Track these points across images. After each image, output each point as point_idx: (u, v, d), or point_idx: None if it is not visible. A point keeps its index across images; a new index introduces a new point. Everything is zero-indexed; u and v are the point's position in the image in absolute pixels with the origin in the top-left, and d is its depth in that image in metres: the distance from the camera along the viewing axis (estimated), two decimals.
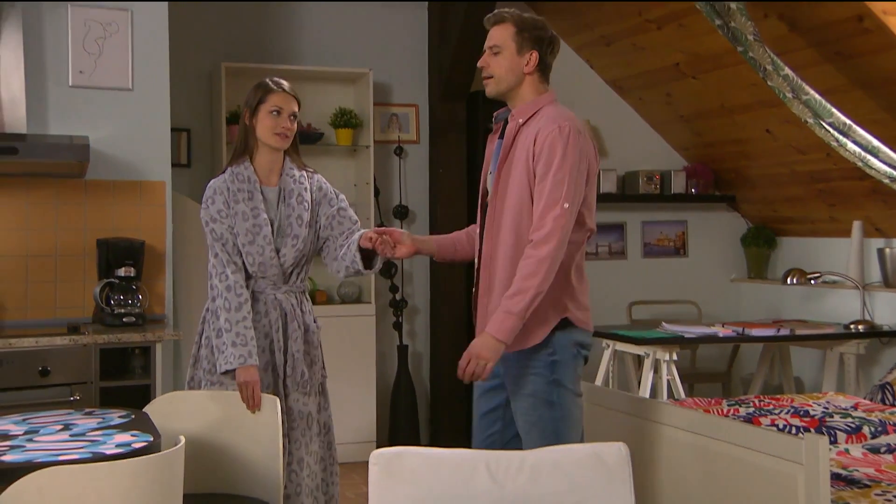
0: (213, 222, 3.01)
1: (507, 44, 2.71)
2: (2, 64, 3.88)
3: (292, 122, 3.08)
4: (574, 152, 2.63)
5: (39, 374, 3.53)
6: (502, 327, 2.57)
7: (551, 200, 2.58)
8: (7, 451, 2.16)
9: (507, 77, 2.72)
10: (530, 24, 2.73)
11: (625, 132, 6.47)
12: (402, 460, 1.93)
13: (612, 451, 1.94)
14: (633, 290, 6.40)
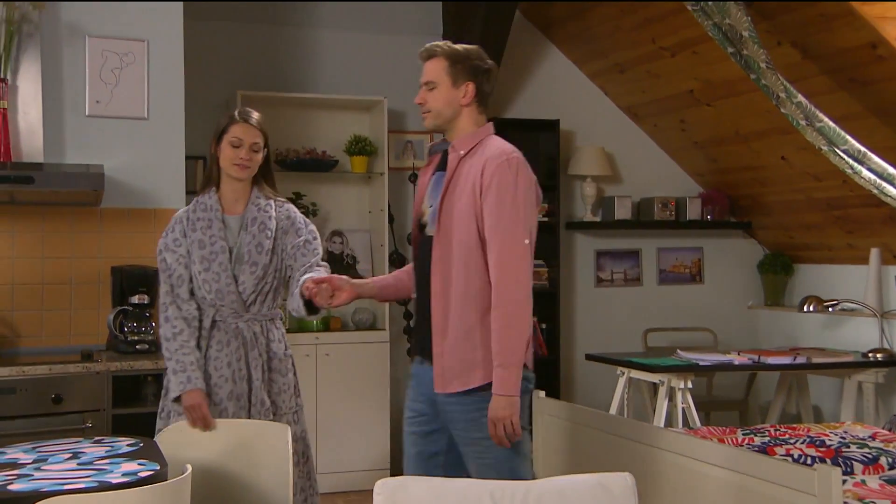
0: (166, 251, 3.08)
1: (441, 78, 2.69)
2: (20, 94, 3.94)
3: (254, 154, 3.08)
4: (525, 184, 2.62)
5: (53, 401, 3.55)
6: (507, 383, 2.54)
7: (510, 238, 2.55)
8: (14, 480, 2.17)
9: (445, 110, 2.70)
10: (464, 56, 2.70)
11: (639, 159, 6.47)
12: (407, 490, 1.92)
13: (617, 481, 1.92)
14: (648, 318, 6.37)
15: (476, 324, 2.60)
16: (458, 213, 2.61)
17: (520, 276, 2.55)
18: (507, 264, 2.55)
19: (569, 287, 6.28)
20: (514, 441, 2.58)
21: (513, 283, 2.54)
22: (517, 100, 6.21)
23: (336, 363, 5.38)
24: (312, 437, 5.24)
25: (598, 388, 6.00)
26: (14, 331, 4.06)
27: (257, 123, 3.11)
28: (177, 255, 3.06)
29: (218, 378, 3.03)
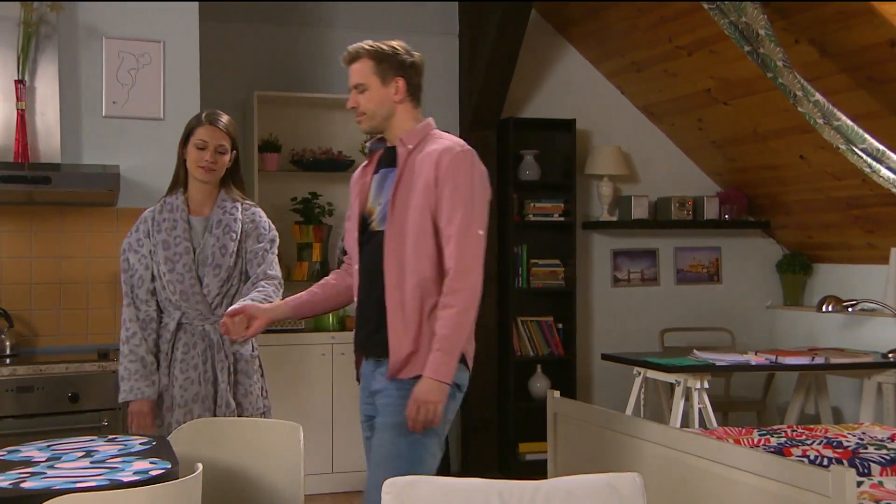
0: (129, 250, 3.11)
1: (369, 79, 2.66)
2: (38, 95, 3.97)
3: (219, 156, 3.09)
4: (479, 176, 2.62)
5: (69, 399, 3.58)
6: (441, 368, 2.52)
7: (464, 228, 2.54)
8: (27, 478, 2.18)
9: (379, 110, 2.67)
10: (389, 53, 2.68)
11: (656, 158, 6.44)
12: (415, 489, 1.92)
13: (626, 482, 1.91)
14: (665, 317, 6.34)
15: (429, 313, 2.59)
16: (412, 206, 2.59)
17: (475, 266, 2.56)
18: (464, 254, 2.54)
19: (585, 287, 6.26)
20: (427, 428, 2.54)
21: (469, 272, 2.55)
22: (533, 99, 6.20)
23: (352, 362, 5.36)
24: (329, 435, 5.29)
25: (614, 388, 5.98)
26: (32, 330, 4.10)
27: (224, 126, 3.11)
28: (139, 255, 3.08)
29: (184, 380, 3.05)
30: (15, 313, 4.03)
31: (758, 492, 2.80)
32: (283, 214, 5.57)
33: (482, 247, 2.58)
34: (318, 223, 5.50)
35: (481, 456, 5.84)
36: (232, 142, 3.13)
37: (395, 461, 2.53)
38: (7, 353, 3.90)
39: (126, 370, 3.02)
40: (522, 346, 5.95)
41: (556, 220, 5.99)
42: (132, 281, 3.07)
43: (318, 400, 5.30)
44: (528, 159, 5.96)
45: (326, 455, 5.31)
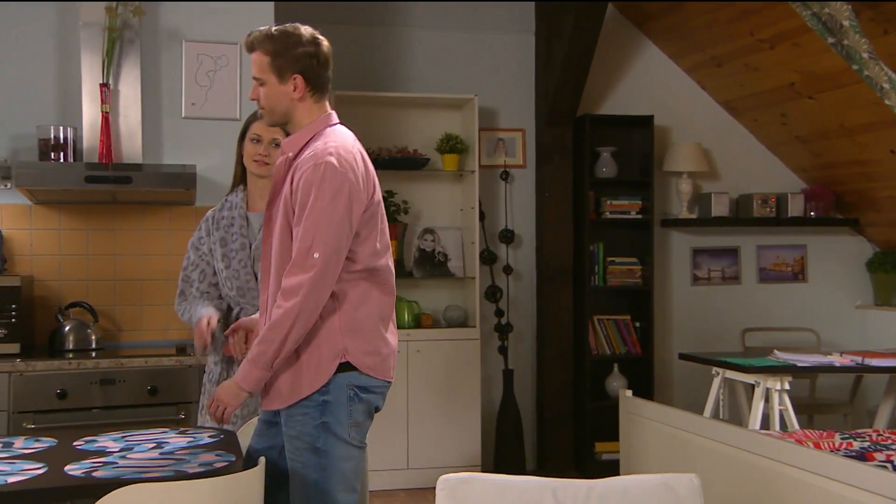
0: (191, 248, 3.17)
1: (266, 75, 2.50)
2: (121, 98, 4.11)
3: (274, 149, 3.07)
4: (327, 192, 2.37)
5: (149, 392, 3.69)
6: (248, 377, 2.42)
7: (302, 250, 2.37)
8: (100, 468, 2.27)
9: (278, 107, 2.52)
10: (282, 46, 2.48)
11: (738, 154, 6.30)
12: (469, 486, 1.92)
13: (683, 482, 1.87)
14: (747, 317, 6.20)
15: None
16: (279, 222, 2.49)
17: (296, 289, 2.36)
18: (290, 272, 2.39)
19: (663, 285, 6.16)
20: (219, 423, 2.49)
21: (289, 291, 2.37)
22: (611, 96, 6.13)
23: (427, 360, 5.42)
24: (404, 431, 5.33)
25: (694, 388, 5.87)
26: (116, 325, 4.24)
27: None
28: (199, 252, 3.14)
29: None
30: (100, 308, 4.18)
31: (833, 497, 2.71)
32: None
33: (318, 268, 2.36)
34: (394, 221, 5.55)
35: (557, 454, 5.81)
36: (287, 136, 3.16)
37: (303, 476, 2.45)
38: (93, 346, 4.05)
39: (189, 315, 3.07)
40: (599, 344, 5.89)
41: (633, 218, 5.91)
42: (190, 275, 3.13)
43: (393, 397, 5.32)
44: (604, 156, 5.90)
45: (401, 451, 5.35)
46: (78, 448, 2.53)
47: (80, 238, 4.21)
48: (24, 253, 4.16)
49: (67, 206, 4.20)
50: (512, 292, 5.93)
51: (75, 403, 3.63)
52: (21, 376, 3.62)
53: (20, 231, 4.16)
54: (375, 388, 2.55)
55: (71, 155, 4.03)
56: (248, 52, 2.55)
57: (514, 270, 5.91)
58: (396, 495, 5.20)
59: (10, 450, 2.53)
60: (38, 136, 4.03)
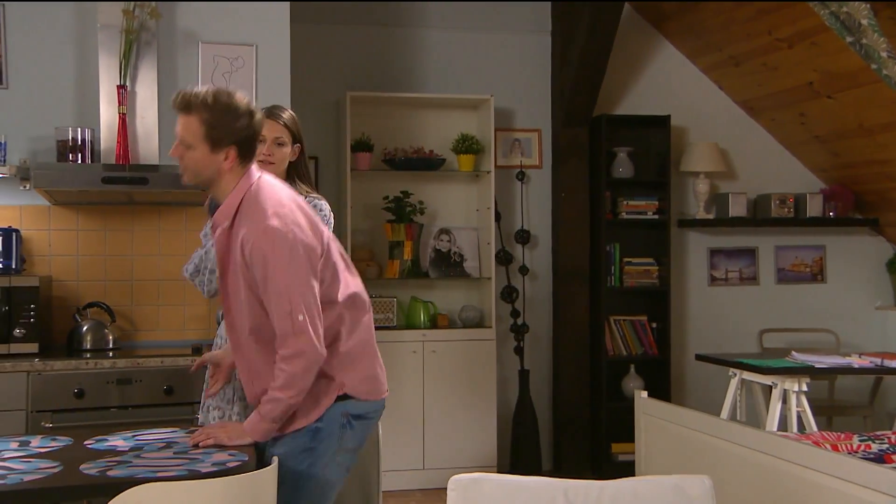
0: (204, 237, 3.16)
1: (198, 142, 2.43)
2: (138, 99, 4.13)
3: (278, 148, 3.07)
4: (283, 256, 2.38)
5: (164, 392, 3.71)
6: (256, 429, 2.46)
7: (283, 316, 2.38)
8: (114, 467, 2.28)
9: (204, 173, 2.48)
10: (220, 118, 2.42)
11: (756, 154, 6.27)
12: (480, 486, 1.92)
13: (695, 484, 1.87)
14: (765, 318, 6.17)
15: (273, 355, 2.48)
16: (236, 284, 2.48)
17: (296, 355, 2.40)
18: (283, 341, 2.40)
19: (680, 286, 6.13)
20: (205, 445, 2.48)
21: (289, 357, 2.39)
22: (627, 96, 6.11)
23: (443, 360, 5.42)
24: (420, 432, 5.33)
25: (711, 389, 5.85)
26: (133, 325, 4.27)
27: (283, 120, 3.11)
28: (211, 242, 3.14)
29: None
30: (117, 308, 4.21)
31: (848, 499, 2.69)
32: (375, 213, 5.65)
33: (307, 328, 2.39)
34: (410, 222, 5.55)
35: (573, 456, 5.80)
36: (293, 135, 3.13)
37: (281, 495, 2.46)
38: (110, 346, 4.08)
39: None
40: (615, 345, 5.87)
41: (649, 218, 5.89)
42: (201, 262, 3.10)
43: (410, 397, 5.35)
44: (621, 156, 5.88)
45: (417, 451, 5.36)
46: (89, 447, 2.55)
47: (97, 238, 4.25)
48: (42, 253, 4.19)
49: (85, 206, 4.23)
50: (528, 293, 5.92)
51: (92, 403, 3.65)
52: (39, 376, 3.65)
53: (39, 232, 4.19)
54: (371, 413, 2.62)
55: (88, 156, 4.06)
56: (181, 112, 2.44)
57: (529, 271, 5.91)
58: (412, 495, 5.21)
59: (27, 448, 2.55)
60: (56, 138, 4.06)
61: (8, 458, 2.43)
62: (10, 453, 2.49)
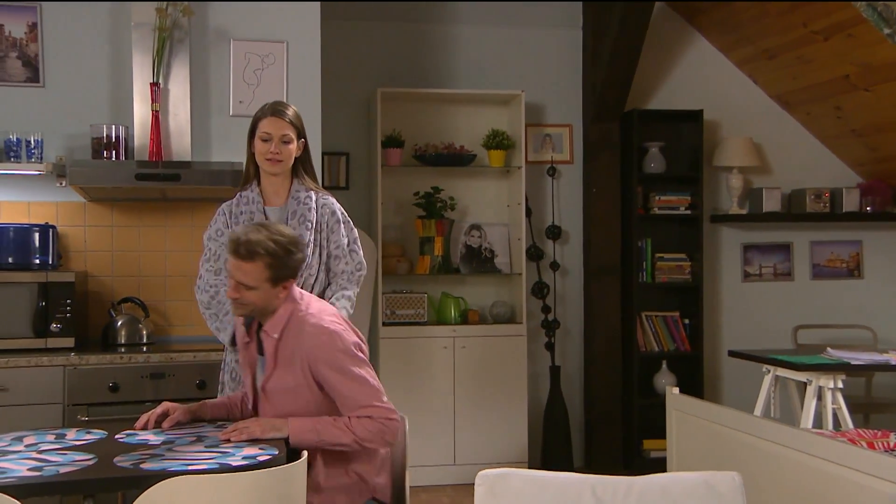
0: (209, 241, 3.21)
1: (260, 283, 2.61)
2: (171, 96, 4.17)
3: (284, 146, 3.08)
4: (351, 349, 2.63)
5: (197, 386, 3.75)
6: (302, 427, 2.56)
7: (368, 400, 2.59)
8: (147, 460, 2.31)
9: (266, 307, 2.66)
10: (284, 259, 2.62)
11: (791, 148, 6.20)
12: (507, 482, 1.92)
13: (725, 480, 1.85)
14: (799, 314, 6.10)
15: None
16: (286, 390, 2.64)
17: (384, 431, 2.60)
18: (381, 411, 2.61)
19: (713, 281, 6.08)
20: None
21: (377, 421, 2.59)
22: (659, 90, 6.07)
23: (473, 356, 5.42)
24: (450, 427, 5.34)
25: (744, 386, 5.80)
26: (167, 320, 4.32)
27: (287, 117, 3.11)
28: (219, 243, 3.17)
29: None
30: (151, 304, 4.26)
31: (887, 498, 2.65)
32: (405, 209, 5.66)
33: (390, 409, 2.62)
34: (441, 217, 5.56)
35: (604, 452, 5.77)
36: (298, 131, 3.14)
37: None
38: (144, 341, 4.12)
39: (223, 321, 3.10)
40: (647, 341, 5.84)
41: (682, 214, 5.84)
42: (217, 265, 3.15)
43: (440, 392, 5.36)
44: (653, 151, 5.84)
45: (448, 447, 5.37)
46: (120, 441, 2.58)
47: (131, 234, 4.30)
48: (78, 249, 4.25)
49: (120, 203, 4.28)
50: (559, 289, 5.91)
51: (127, 396, 3.70)
52: (75, 370, 3.71)
53: (75, 228, 4.25)
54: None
55: (123, 153, 4.11)
56: (245, 260, 2.60)
57: (560, 266, 5.89)
58: (443, 490, 5.22)
59: (63, 441, 2.59)
60: (91, 135, 4.12)
61: (45, 450, 2.47)
62: (46, 445, 2.53)
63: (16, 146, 4.04)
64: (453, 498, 5.08)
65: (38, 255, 4.02)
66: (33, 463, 2.30)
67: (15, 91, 4.18)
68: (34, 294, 3.85)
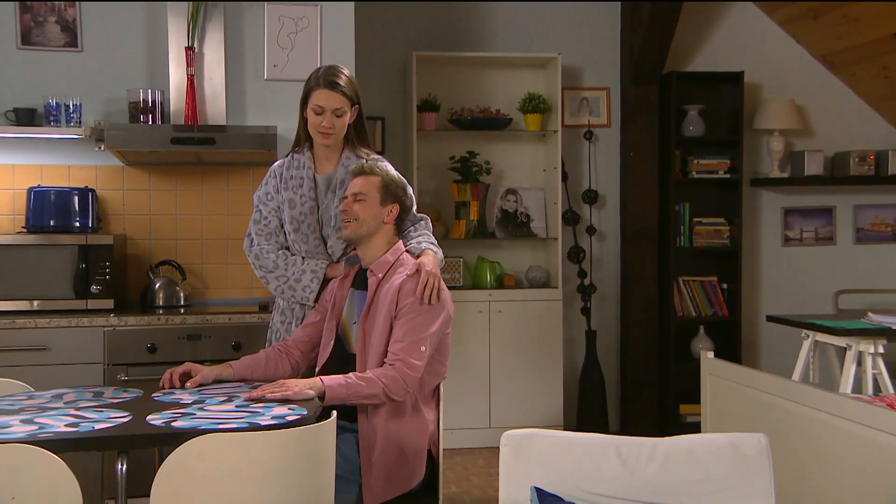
0: (260, 203, 3.15)
1: (372, 193, 2.87)
2: (206, 61, 4.19)
3: (337, 119, 3.00)
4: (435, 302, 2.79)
5: (233, 348, 3.80)
6: (333, 384, 2.63)
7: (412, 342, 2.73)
8: (179, 418, 2.35)
9: (368, 223, 2.86)
10: (395, 182, 2.93)
11: (834, 110, 6.07)
12: (532, 442, 1.93)
13: (751, 442, 1.84)
14: (841, 279, 6.01)
15: None
16: (377, 332, 2.78)
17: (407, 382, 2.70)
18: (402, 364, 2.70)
19: (752, 246, 6.01)
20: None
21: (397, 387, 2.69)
22: (699, 52, 5.96)
23: (508, 320, 5.42)
24: (486, 391, 5.36)
25: (783, 351, 5.74)
26: (203, 283, 4.37)
27: (341, 89, 3.01)
28: (269, 207, 3.12)
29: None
30: (188, 266, 4.31)
31: None
32: (441, 173, 5.65)
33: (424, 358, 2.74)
34: (476, 182, 5.54)
35: (641, 416, 5.76)
36: (351, 100, 3.04)
37: None
38: (181, 303, 4.18)
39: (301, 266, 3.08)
40: (684, 306, 5.79)
41: (721, 178, 5.76)
42: (269, 229, 3.12)
43: (476, 356, 5.38)
44: (691, 114, 5.76)
45: (483, 410, 5.39)
46: (156, 399, 2.63)
47: (168, 198, 4.35)
48: (117, 212, 4.31)
49: (156, 167, 4.33)
50: (595, 253, 5.87)
51: (164, 357, 3.76)
52: (114, 331, 3.77)
53: (113, 192, 4.30)
54: None
55: (159, 117, 4.15)
56: (358, 174, 2.92)
57: (597, 231, 5.85)
58: (479, 453, 5.25)
59: (100, 399, 2.65)
60: (128, 100, 4.15)
61: (83, 407, 2.52)
62: (84, 403, 2.59)
63: (55, 110, 4.09)
64: (488, 460, 5.11)
65: (79, 217, 4.09)
66: (71, 419, 2.36)
67: (54, 56, 4.23)
68: (75, 256, 3.91)
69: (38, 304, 3.90)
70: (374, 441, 2.72)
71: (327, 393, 2.59)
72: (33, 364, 3.68)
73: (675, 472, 1.85)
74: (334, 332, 2.94)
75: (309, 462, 2.24)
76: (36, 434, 2.18)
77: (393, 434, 2.72)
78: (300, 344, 3.01)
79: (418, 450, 2.76)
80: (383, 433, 2.72)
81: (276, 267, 3.09)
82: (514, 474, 1.93)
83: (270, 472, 2.15)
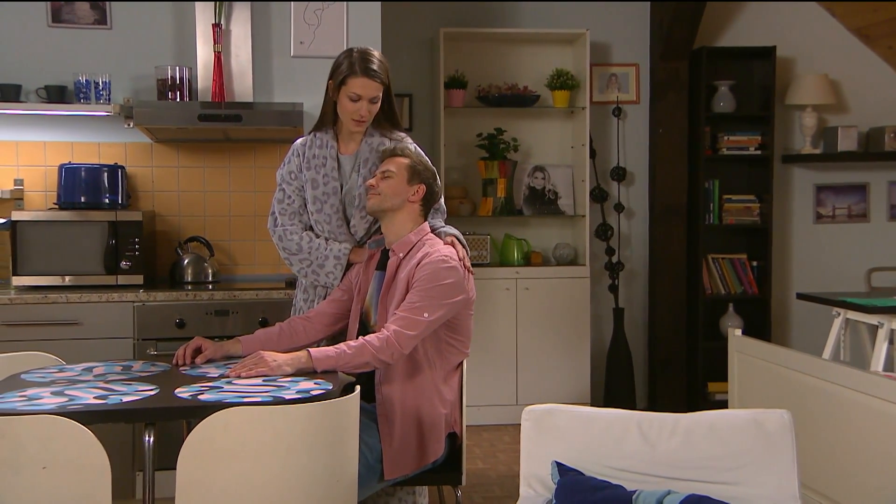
0: (283, 182, 3.13)
1: (400, 171, 2.89)
2: (232, 38, 4.20)
3: (372, 106, 2.97)
4: (452, 286, 2.77)
5: (260, 324, 3.83)
6: (321, 355, 2.63)
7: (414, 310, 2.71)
8: (206, 391, 2.38)
9: (393, 198, 2.87)
10: (425, 165, 2.95)
11: (870, 85, 5.97)
12: (553, 417, 1.93)
13: (773, 418, 1.82)
14: (874, 256, 5.93)
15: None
16: (394, 308, 2.77)
17: (399, 348, 2.68)
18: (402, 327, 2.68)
19: (783, 223, 5.94)
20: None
21: (391, 350, 2.66)
22: (730, 27, 5.88)
23: (536, 297, 5.42)
24: (513, 367, 5.37)
25: (814, 329, 5.69)
26: (231, 259, 4.41)
27: (378, 76, 2.96)
28: (293, 186, 3.11)
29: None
30: (216, 243, 4.35)
31: None
32: (468, 150, 5.63)
33: (422, 329, 2.71)
34: (503, 159, 5.52)
35: (668, 394, 5.75)
36: (385, 85, 3.00)
37: None
38: (209, 279, 4.22)
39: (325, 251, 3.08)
40: (713, 283, 5.75)
41: (751, 154, 5.70)
42: (292, 208, 3.11)
43: (503, 333, 5.38)
44: (722, 90, 5.69)
45: (510, 387, 5.40)
46: (183, 373, 2.67)
47: (196, 175, 4.38)
48: (146, 189, 4.35)
49: (184, 143, 4.36)
50: (623, 231, 5.84)
51: (192, 332, 3.79)
52: (144, 306, 3.82)
53: (142, 168, 4.34)
54: None
55: (186, 94, 4.17)
56: (389, 155, 2.96)
57: (625, 208, 5.82)
58: (505, 430, 5.27)
59: (130, 372, 2.69)
60: (156, 77, 4.18)
61: (112, 380, 2.56)
62: (113, 376, 2.63)
63: (85, 88, 4.13)
64: (514, 437, 5.13)
65: (108, 194, 4.13)
66: (99, 392, 2.40)
67: (83, 33, 4.26)
68: (105, 232, 3.96)
69: (69, 280, 3.95)
70: (393, 414, 2.74)
71: (315, 366, 2.61)
72: (64, 338, 3.74)
73: (697, 448, 1.85)
74: (359, 315, 2.96)
75: (332, 436, 2.26)
76: (66, 406, 2.22)
77: (410, 408, 2.74)
78: (323, 317, 3.02)
79: (436, 424, 2.77)
80: (401, 407, 2.74)
81: (299, 250, 3.09)
82: (534, 449, 1.94)
83: (294, 446, 2.17)
